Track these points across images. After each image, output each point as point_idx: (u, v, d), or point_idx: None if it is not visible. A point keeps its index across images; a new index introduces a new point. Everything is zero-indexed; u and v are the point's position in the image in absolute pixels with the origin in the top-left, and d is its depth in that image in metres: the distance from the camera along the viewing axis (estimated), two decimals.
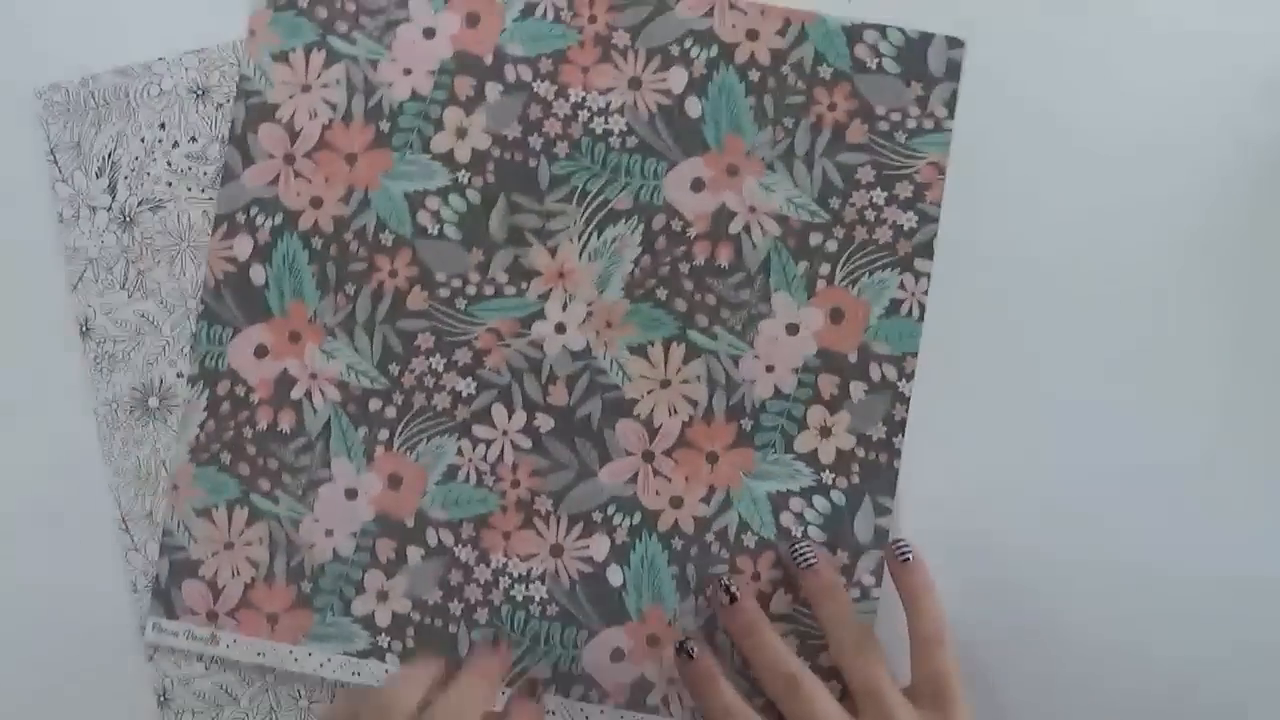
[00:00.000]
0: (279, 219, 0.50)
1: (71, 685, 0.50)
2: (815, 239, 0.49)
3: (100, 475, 0.50)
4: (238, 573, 0.49)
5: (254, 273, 0.50)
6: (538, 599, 0.48)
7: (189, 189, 0.50)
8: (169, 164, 0.50)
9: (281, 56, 0.51)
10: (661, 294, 0.49)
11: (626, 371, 0.49)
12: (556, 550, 0.49)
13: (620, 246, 0.49)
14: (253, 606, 0.49)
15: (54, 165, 0.51)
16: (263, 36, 0.51)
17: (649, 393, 0.49)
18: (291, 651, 0.49)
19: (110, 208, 0.50)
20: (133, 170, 0.50)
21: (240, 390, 0.50)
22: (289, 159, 0.50)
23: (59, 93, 0.51)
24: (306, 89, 0.51)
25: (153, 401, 0.50)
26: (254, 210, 0.50)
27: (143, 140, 0.50)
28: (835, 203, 0.49)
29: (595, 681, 0.48)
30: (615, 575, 0.49)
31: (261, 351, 0.50)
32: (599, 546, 0.49)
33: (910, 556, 0.47)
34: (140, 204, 0.50)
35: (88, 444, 0.50)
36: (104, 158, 0.50)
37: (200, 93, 0.50)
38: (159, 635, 0.49)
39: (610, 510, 0.49)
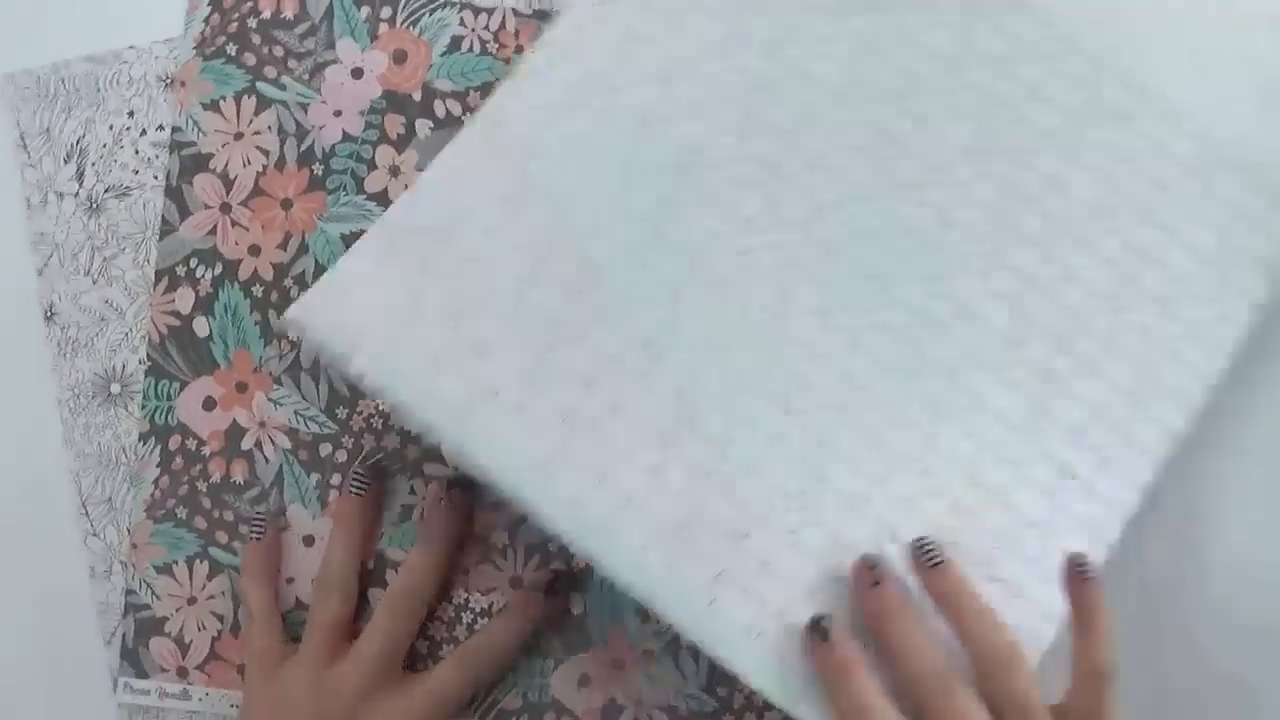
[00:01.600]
0: (219, 269, 0.50)
1: (28, 674, 0.50)
2: None
3: (62, 460, 0.50)
4: (203, 626, 0.50)
5: (197, 325, 0.50)
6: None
7: (155, 177, 0.51)
8: (136, 152, 0.51)
9: (213, 105, 0.51)
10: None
11: None
12: (516, 581, 0.49)
13: None
14: (221, 658, 0.50)
15: (23, 150, 0.51)
16: (193, 86, 0.51)
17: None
18: None
19: (78, 194, 0.51)
20: (100, 157, 0.51)
21: (191, 444, 0.50)
22: (225, 208, 0.50)
23: (29, 78, 0.51)
24: (239, 136, 0.51)
25: (114, 388, 0.50)
26: (194, 262, 0.50)
27: (111, 128, 0.51)
28: None
29: (566, 708, 0.49)
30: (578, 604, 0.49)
31: (210, 404, 0.50)
32: None
33: (1090, 573, 0.41)
34: (107, 191, 0.51)
35: (50, 428, 0.50)
36: (73, 144, 0.51)
37: (169, 81, 0.51)
38: (131, 695, 0.50)
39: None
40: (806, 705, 0.40)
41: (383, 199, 0.50)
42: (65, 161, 0.51)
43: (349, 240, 0.50)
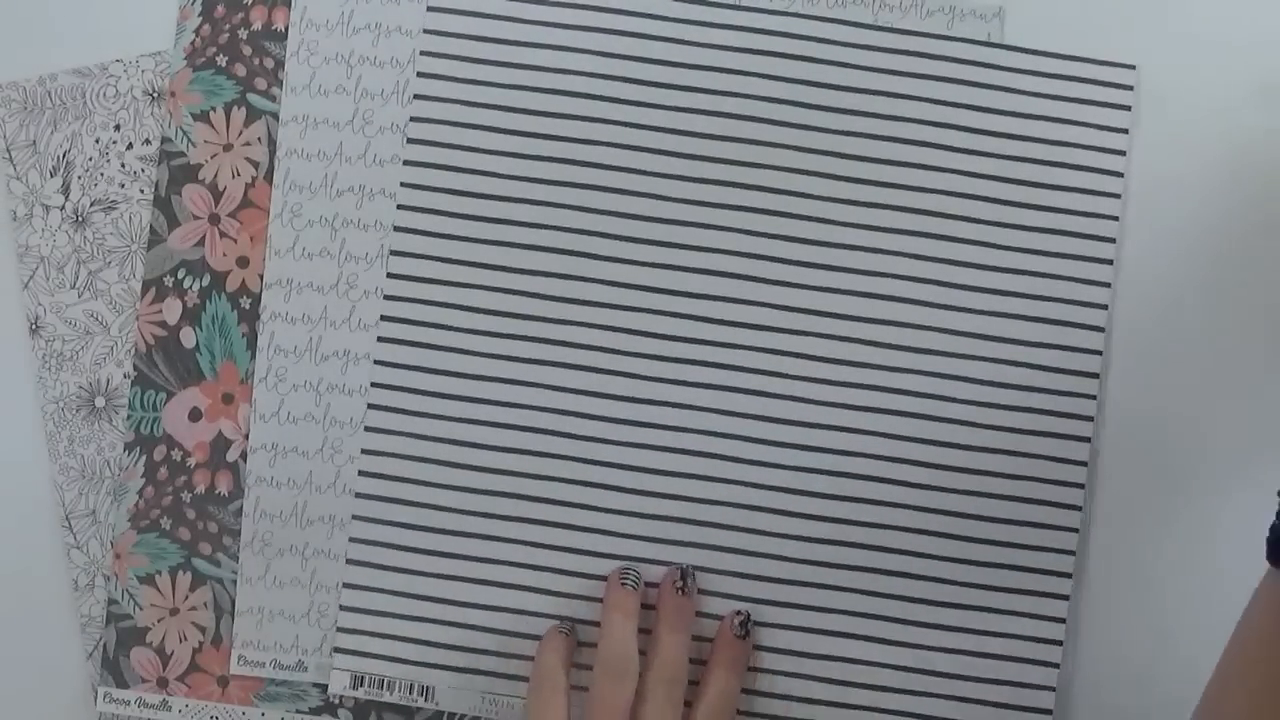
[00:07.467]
0: (206, 280, 0.50)
1: (8, 687, 0.50)
2: None
3: (45, 472, 0.50)
4: (185, 638, 0.50)
5: (184, 335, 0.50)
6: None
7: (142, 191, 0.50)
8: (123, 165, 0.50)
9: (202, 116, 0.51)
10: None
11: None
12: None
13: None
14: (202, 670, 0.50)
15: (9, 163, 0.51)
16: (183, 96, 0.51)
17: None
18: (244, 713, 0.49)
19: (63, 207, 0.50)
20: (86, 170, 0.51)
21: (176, 454, 0.50)
22: (214, 219, 0.50)
23: (16, 91, 0.51)
24: (228, 148, 0.51)
25: (99, 401, 0.50)
26: (181, 273, 0.50)
27: (97, 141, 0.51)
28: None
29: None
30: None
31: (195, 414, 0.50)
32: None
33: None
34: (93, 204, 0.50)
35: (34, 441, 0.50)
36: (59, 157, 0.51)
37: (155, 95, 0.51)
38: (110, 705, 0.49)
39: None
40: None
41: None
42: (51, 174, 0.51)
43: None
